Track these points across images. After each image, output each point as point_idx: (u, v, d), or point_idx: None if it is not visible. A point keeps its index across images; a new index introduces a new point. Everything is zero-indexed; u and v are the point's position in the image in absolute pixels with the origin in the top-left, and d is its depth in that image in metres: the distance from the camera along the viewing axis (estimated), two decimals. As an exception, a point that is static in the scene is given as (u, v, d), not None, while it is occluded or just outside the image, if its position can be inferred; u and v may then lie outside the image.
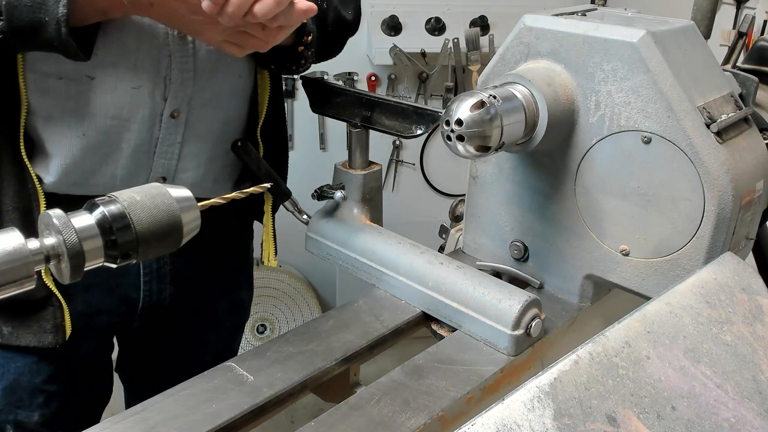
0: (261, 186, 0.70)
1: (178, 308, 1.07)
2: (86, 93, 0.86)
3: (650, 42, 0.72)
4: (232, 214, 1.02)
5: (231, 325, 1.22)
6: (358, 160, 0.92)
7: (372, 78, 2.62)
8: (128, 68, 0.86)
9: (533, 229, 0.87)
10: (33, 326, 0.91)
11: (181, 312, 1.08)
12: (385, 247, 0.88)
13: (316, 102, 0.98)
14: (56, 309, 0.90)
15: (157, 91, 0.89)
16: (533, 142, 0.76)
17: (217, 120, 0.97)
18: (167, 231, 0.56)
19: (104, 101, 0.87)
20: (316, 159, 2.64)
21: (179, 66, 0.89)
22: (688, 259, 0.76)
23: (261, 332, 2.66)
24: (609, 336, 0.56)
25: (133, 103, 0.88)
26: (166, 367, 0.82)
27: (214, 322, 1.16)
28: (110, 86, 0.86)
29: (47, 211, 0.52)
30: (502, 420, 0.47)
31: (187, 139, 0.95)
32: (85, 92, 0.86)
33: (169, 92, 0.90)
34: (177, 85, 0.89)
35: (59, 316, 0.90)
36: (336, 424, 0.66)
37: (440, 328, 0.84)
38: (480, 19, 2.56)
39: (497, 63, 0.84)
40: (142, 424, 0.65)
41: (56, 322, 0.91)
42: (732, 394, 0.57)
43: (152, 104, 0.89)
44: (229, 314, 1.20)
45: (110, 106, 0.87)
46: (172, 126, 0.92)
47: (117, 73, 0.86)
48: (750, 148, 0.77)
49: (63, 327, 0.91)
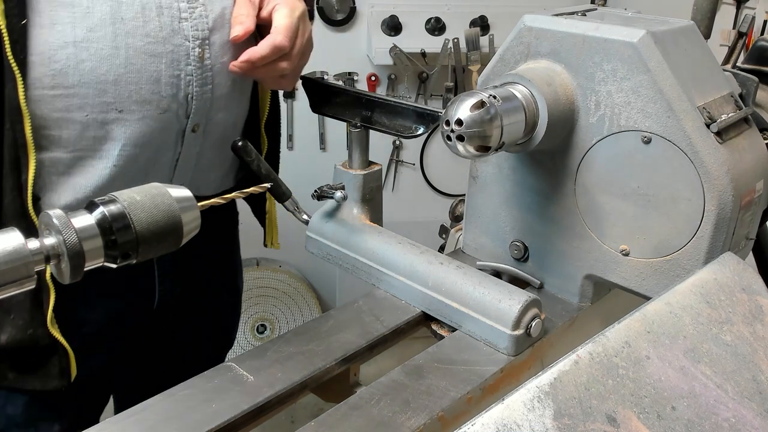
0: (261, 186, 0.70)
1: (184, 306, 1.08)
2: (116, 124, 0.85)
3: (650, 42, 0.72)
4: None
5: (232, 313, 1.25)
6: (358, 160, 0.92)
7: (372, 78, 2.62)
8: (154, 94, 0.86)
9: (533, 229, 0.87)
10: (39, 372, 0.90)
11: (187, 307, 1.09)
12: (385, 247, 0.88)
13: (316, 102, 0.98)
14: (61, 356, 0.89)
15: (180, 111, 0.89)
16: (533, 142, 0.76)
17: (228, 124, 0.98)
18: (167, 231, 0.56)
19: (133, 131, 0.86)
20: (316, 159, 2.64)
21: (200, 83, 0.89)
22: (688, 259, 0.76)
23: (261, 332, 2.66)
24: (609, 336, 0.56)
25: (161, 127, 0.88)
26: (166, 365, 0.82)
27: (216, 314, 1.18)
28: (139, 116, 0.86)
29: (47, 211, 0.52)
30: (502, 420, 0.47)
31: (203, 148, 0.96)
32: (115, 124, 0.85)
33: (191, 110, 0.90)
34: (199, 102, 0.90)
35: (64, 362, 0.89)
36: (336, 424, 0.65)
37: (440, 328, 0.84)
38: (480, 19, 2.56)
39: (497, 63, 0.84)
40: (142, 424, 0.65)
41: (61, 367, 0.89)
42: (732, 394, 0.57)
43: (178, 125, 0.90)
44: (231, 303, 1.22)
45: (138, 134, 0.87)
46: (192, 140, 0.93)
47: (144, 101, 0.86)
48: (750, 148, 0.77)
49: (68, 371, 0.90)
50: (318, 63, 0.99)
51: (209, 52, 0.89)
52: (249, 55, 0.87)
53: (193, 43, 0.87)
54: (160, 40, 0.84)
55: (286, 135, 2.63)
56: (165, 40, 0.85)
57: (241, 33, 0.87)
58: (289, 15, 0.88)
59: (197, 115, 0.91)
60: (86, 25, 0.80)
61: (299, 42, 0.90)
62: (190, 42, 0.86)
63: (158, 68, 0.85)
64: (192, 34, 0.87)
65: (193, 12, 0.87)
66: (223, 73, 0.91)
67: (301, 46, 0.91)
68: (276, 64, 0.89)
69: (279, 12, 0.89)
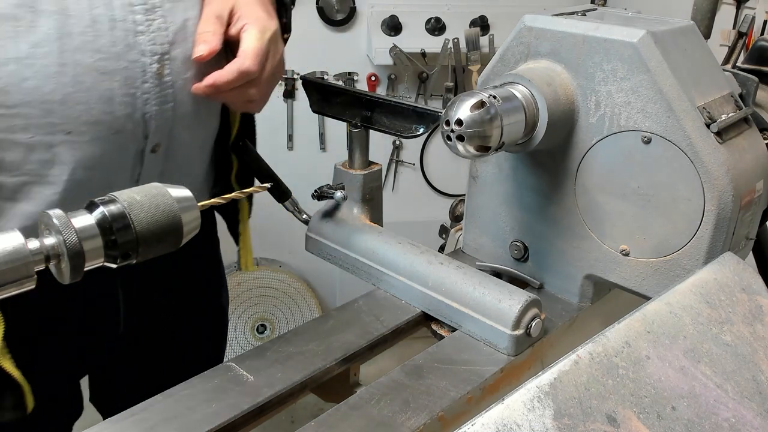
0: (261, 186, 0.70)
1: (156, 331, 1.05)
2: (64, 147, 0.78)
3: (650, 42, 0.72)
4: None
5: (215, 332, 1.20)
6: (358, 160, 0.92)
7: (372, 78, 2.62)
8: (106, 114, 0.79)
9: (533, 229, 0.87)
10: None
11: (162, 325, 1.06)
12: (385, 247, 0.88)
13: (316, 102, 0.98)
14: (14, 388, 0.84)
15: (137, 131, 0.82)
16: (533, 142, 0.76)
17: (194, 143, 0.92)
18: (167, 231, 0.56)
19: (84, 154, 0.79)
20: (316, 159, 2.64)
21: (159, 101, 0.82)
22: (688, 259, 0.76)
23: (261, 332, 2.66)
24: (609, 336, 0.56)
25: (115, 149, 0.81)
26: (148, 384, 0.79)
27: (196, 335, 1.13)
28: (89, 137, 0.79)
29: (47, 211, 0.52)
30: (502, 420, 0.47)
31: (166, 169, 0.89)
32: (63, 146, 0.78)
33: (150, 130, 0.83)
34: (158, 121, 0.83)
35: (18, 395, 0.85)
36: (336, 424, 0.65)
37: (440, 328, 0.84)
38: (480, 19, 2.57)
39: (497, 63, 0.84)
40: (142, 424, 0.65)
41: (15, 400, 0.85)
42: (732, 394, 0.57)
43: (135, 146, 0.83)
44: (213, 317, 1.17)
45: (90, 157, 0.80)
46: (153, 160, 0.86)
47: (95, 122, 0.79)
48: (750, 148, 0.77)
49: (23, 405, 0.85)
50: (318, 63, 0.99)
51: (169, 67, 0.81)
52: (214, 79, 0.80)
53: (150, 58, 0.80)
54: (112, 56, 0.77)
55: (286, 135, 2.63)
56: (118, 56, 0.77)
57: (205, 53, 0.80)
58: (259, 37, 0.82)
59: (157, 135, 0.84)
60: (30, 40, 0.73)
61: (269, 66, 0.84)
62: (147, 57, 0.79)
63: (110, 86, 0.78)
64: (149, 48, 0.79)
65: (151, 24, 0.80)
66: (185, 90, 0.84)
67: (271, 70, 0.85)
68: (243, 89, 0.83)
69: (248, 33, 0.82)
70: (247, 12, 0.83)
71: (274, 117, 2.58)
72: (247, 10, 0.84)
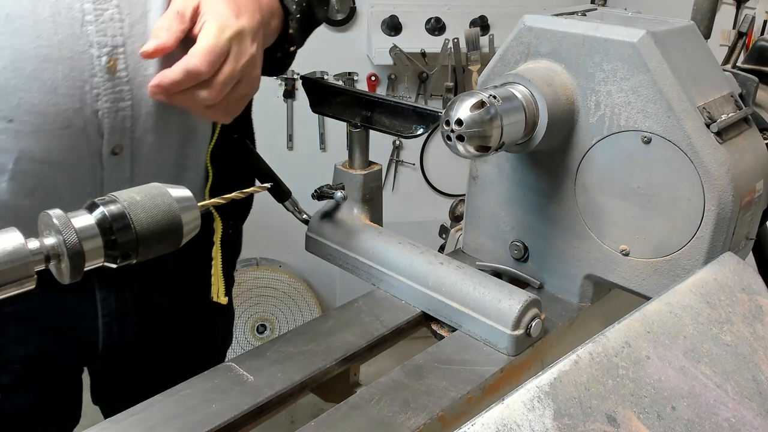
0: (261, 186, 0.70)
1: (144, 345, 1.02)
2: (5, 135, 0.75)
3: (650, 42, 0.72)
4: None
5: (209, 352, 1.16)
6: (358, 160, 0.92)
7: (372, 78, 2.62)
8: (50, 106, 0.74)
9: (533, 229, 0.87)
10: None
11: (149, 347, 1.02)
12: (385, 247, 0.88)
13: (316, 102, 0.98)
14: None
15: (90, 128, 0.77)
16: (533, 142, 0.76)
17: (168, 147, 0.86)
18: (167, 231, 0.56)
19: (28, 144, 0.75)
20: (316, 159, 2.64)
21: (112, 98, 0.77)
22: (688, 259, 0.76)
23: (261, 332, 2.67)
24: (609, 336, 0.56)
25: (66, 144, 0.76)
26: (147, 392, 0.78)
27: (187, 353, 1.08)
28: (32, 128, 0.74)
29: (47, 211, 0.52)
30: (502, 420, 0.47)
31: (136, 174, 0.83)
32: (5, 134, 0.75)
33: (104, 129, 0.78)
34: (113, 120, 0.78)
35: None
36: (336, 424, 0.65)
37: (440, 328, 0.84)
38: (480, 19, 2.57)
39: (497, 63, 0.84)
40: (142, 424, 0.65)
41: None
42: (732, 394, 0.57)
43: (87, 144, 0.77)
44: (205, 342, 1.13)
45: (35, 149, 0.75)
46: (116, 163, 0.81)
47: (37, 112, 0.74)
48: (750, 148, 0.77)
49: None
50: (318, 63, 0.99)
51: (124, 62, 0.76)
52: (159, 79, 0.72)
53: (99, 50, 0.74)
54: (54, 44, 0.72)
55: (286, 135, 2.63)
56: (61, 44, 0.73)
57: (150, 49, 0.72)
58: (216, 35, 0.73)
59: (115, 135, 0.79)
60: None
61: (228, 68, 0.74)
62: (95, 49, 0.74)
63: (53, 76, 0.73)
64: (98, 40, 0.74)
65: (101, 15, 0.75)
66: (145, 88, 0.77)
67: (230, 73, 0.74)
68: (194, 91, 0.74)
69: (204, 30, 0.74)
70: (211, 8, 0.76)
71: (274, 117, 2.58)
72: (210, 7, 0.75)
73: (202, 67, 0.72)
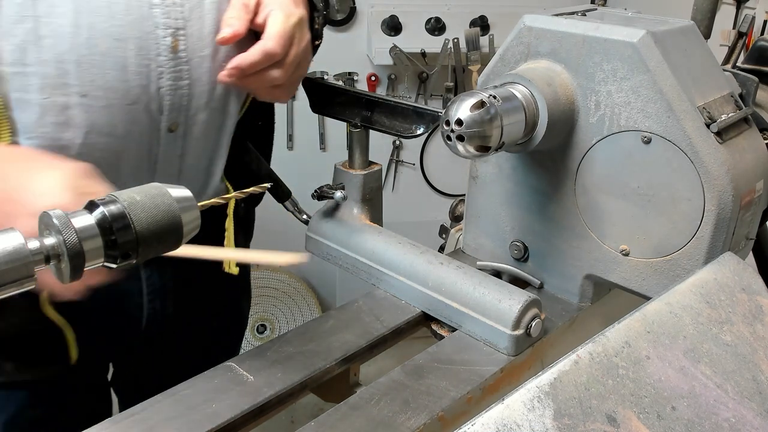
0: (261, 186, 0.70)
1: (179, 324, 1.05)
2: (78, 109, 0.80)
3: (650, 42, 0.72)
4: None
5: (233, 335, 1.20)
6: (358, 160, 0.92)
7: (372, 78, 2.62)
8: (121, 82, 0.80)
9: (533, 229, 0.87)
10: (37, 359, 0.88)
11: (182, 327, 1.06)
12: (385, 247, 0.88)
13: (316, 102, 0.98)
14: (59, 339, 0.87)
15: (153, 105, 0.83)
16: (533, 142, 0.76)
17: (214, 126, 0.92)
18: (167, 231, 0.55)
19: (98, 119, 0.80)
20: (316, 159, 2.64)
21: (173, 77, 0.83)
22: (688, 259, 0.76)
23: (261, 332, 2.67)
24: (609, 336, 0.56)
25: (129, 119, 0.82)
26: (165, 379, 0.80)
27: (216, 335, 1.13)
28: (103, 103, 0.80)
29: (47, 211, 0.52)
30: (502, 420, 0.47)
31: (186, 153, 0.90)
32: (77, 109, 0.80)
33: (164, 106, 0.84)
34: (172, 98, 0.84)
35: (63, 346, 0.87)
36: (336, 424, 0.66)
37: (440, 328, 0.84)
38: (480, 19, 2.57)
39: (497, 63, 0.84)
40: (142, 424, 0.65)
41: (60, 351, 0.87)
42: (732, 394, 0.57)
43: (150, 121, 0.84)
44: (231, 324, 1.17)
45: (104, 123, 0.81)
46: (171, 141, 0.87)
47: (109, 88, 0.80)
48: (750, 148, 0.77)
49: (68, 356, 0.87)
50: (318, 63, 0.99)
51: (184, 43, 0.82)
52: (238, 61, 0.80)
53: (164, 31, 0.81)
54: (126, 24, 0.78)
55: (286, 135, 2.63)
56: (132, 24, 0.79)
57: (228, 35, 0.80)
58: (284, 21, 0.83)
59: (173, 113, 0.85)
60: None
61: (294, 51, 0.84)
62: (161, 30, 0.80)
63: (124, 54, 0.79)
64: (163, 21, 0.81)
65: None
66: (202, 67, 0.85)
67: (296, 56, 0.85)
68: (267, 72, 0.83)
69: (272, 17, 0.83)
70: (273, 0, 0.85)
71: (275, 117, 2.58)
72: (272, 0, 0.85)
73: (277, 49, 0.81)
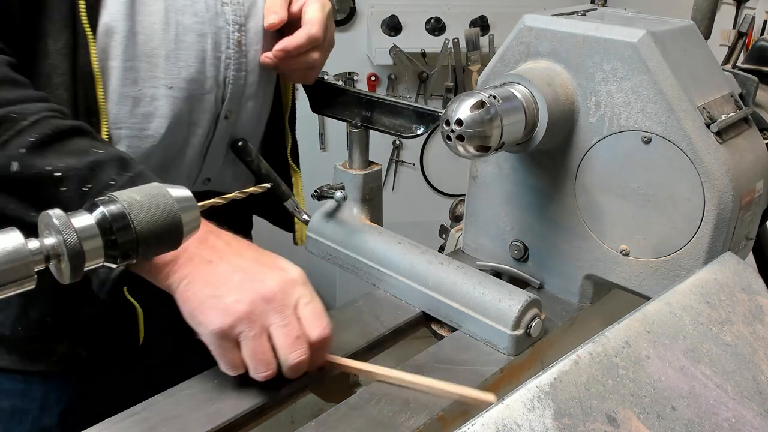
0: (261, 186, 0.70)
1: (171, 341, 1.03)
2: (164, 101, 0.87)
3: (650, 42, 0.72)
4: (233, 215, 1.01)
5: None
6: (358, 160, 0.92)
7: (372, 78, 2.62)
8: (199, 74, 0.88)
9: (533, 229, 0.87)
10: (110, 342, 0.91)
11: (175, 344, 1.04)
12: (385, 247, 0.88)
13: (316, 102, 0.98)
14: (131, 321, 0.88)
15: (219, 94, 0.92)
16: (533, 142, 0.76)
17: (255, 114, 0.99)
18: (167, 231, 0.55)
19: (180, 110, 0.88)
20: (316, 159, 2.64)
21: (236, 68, 0.92)
22: (688, 259, 0.76)
23: (261, 332, 2.66)
24: (609, 336, 0.56)
25: (201, 107, 0.90)
26: None
27: None
28: (185, 94, 0.88)
29: (47, 211, 0.52)
30: (502, 420, 0.47)
31: (234, 138, 0.97)
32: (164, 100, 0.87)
33: (227, 95, 0.92)
34: (234, 87, 0.92)
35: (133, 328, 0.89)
36: (336, 424, 0.65)
37: (440, 328, 0.84)
38: (480, 19, 2.57)
39: (497, 63, 0.84)
40: (142, 424, 0.65)
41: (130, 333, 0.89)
42: (732, 394, 0.57)
43: (215, 108, 0.92)
44: None
45: (184, 112, 0.89)
46: (224, 127, 0.95)
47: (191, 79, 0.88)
48: (750, 148, 0.77)
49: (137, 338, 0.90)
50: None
51: (245, 38, 0.92)
52: (285, 44, 0.90)
53: (232, 26, 0.90)
54: (206, 21, 0.87)
55: (286, 135, 2.62)
56: (210, 21, 0.88)
57: (276, 21, 0.91)
58: (321, 9, 0.93)
59: (232, 101, 0.93)
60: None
61: (329, 36, 0.95)
62: (230, 26, 0.90)
63: (204, 48, 0.88)
64: (232, 18, 0.90)
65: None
66: (255, 59, 0.94)
67: (330, 40, 0.96)
68: (308, 54, 0.92)
69: (311, 6, 0.93)
70: None
71: (274, 117, 2.58)
72: None
73: (319, 34, 0.91)
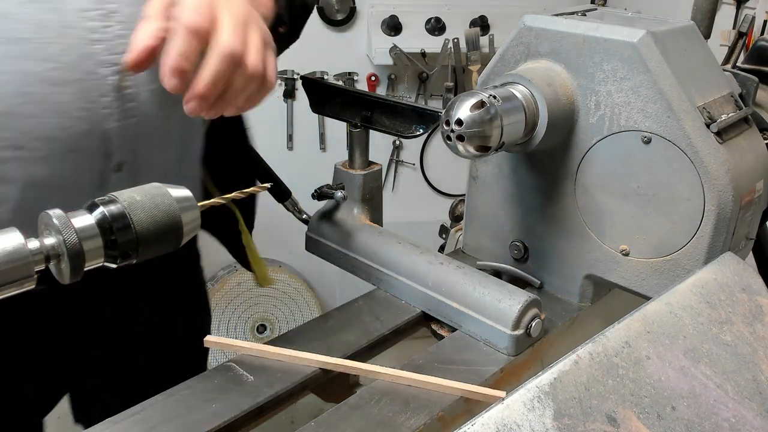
0: (261, 186, 0.70)
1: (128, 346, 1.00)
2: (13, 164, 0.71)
3: (650, 42, 0.72)
4: None
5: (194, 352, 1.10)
6: (358, 160, 0.92)
7: (372, 78, 2.62)
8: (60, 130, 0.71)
9: (533, 229, 0.87)
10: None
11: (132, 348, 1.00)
12: (385, 247, 0.88)
13: (316, 102, 0.98)
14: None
15: (97, 150, 0.74)
16: (533, 142, 0.76)
17: (167, 161, 0.83)
18: (167, 231, 0.56)
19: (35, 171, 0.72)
20: (316, 159, 2.64)
21: (120, 117, 0.74)
22: (688, 259, 0.76)
23: (261, 332, 2.66)
24: (609, 336, 0.56)
25: (72, 168, 0.74)
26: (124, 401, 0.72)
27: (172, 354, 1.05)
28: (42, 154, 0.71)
29: (47, 211, 0.52)
30: (502, 420, 0.47)
31: None
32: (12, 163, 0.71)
33: (112, 148, 0.75)
34: (119, 139, 0.75)
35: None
36: (336, 424, 0.65)
37: (440, 328, 0.84)
38: (480, 19, 2.57)
39: (497, 63, 0.84)
40: (142, 424, 0.65)
41: None
42: (732, 394, 0.57)
43: (92, 163, 0.75)
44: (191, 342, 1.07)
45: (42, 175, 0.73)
46: (119, 180, 0.77)
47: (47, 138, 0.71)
48: (750, 148, 0.77)
49: None
50: (318, 63, 0.99)
51: (131, 79, 0.73)
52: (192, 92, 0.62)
53: (108, 69, 0.71)
54: (63, 66, 0.69)
55: (286, 135, 2.63)
56: (71, 66, 0.69)
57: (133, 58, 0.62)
58: None
59: (121, 153, 0.76)
60: None
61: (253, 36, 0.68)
62: (104, 68, 0.71)
63: (63, 99, 0.70)
64: (107, 59, 0.71)
65: (107, 31, 0.71)
66: (151, 103, 0.76)
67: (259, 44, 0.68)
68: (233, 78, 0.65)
69: None
70: None
71: (274, 117, 2.58)
72: None
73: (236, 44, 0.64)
